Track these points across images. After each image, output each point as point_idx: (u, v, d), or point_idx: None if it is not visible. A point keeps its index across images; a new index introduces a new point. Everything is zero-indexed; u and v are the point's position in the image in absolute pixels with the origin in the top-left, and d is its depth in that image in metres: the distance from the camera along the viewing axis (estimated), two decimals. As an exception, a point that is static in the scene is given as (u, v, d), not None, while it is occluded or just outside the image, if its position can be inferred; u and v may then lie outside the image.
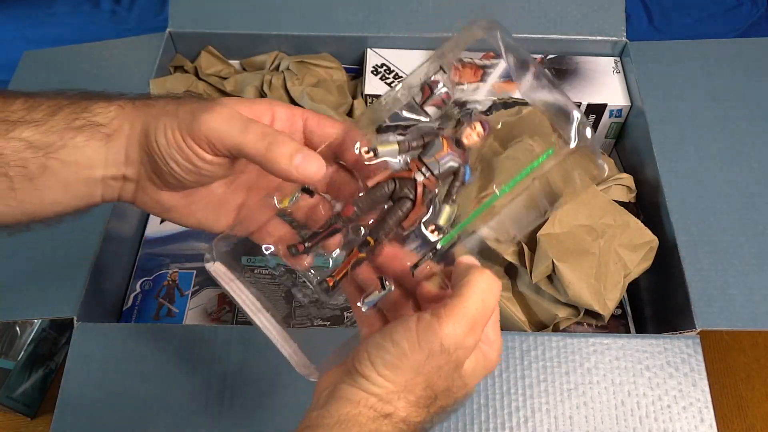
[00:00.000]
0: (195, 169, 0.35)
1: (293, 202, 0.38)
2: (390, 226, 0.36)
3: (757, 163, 0.64)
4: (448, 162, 0.36)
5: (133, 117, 0.36)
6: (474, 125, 0.36)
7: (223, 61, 0.81)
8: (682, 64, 0.73)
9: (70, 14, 1.22)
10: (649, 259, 0.60)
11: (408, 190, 0.36)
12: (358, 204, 0.36)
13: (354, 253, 0.37)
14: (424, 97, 0.38)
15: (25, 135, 0.34)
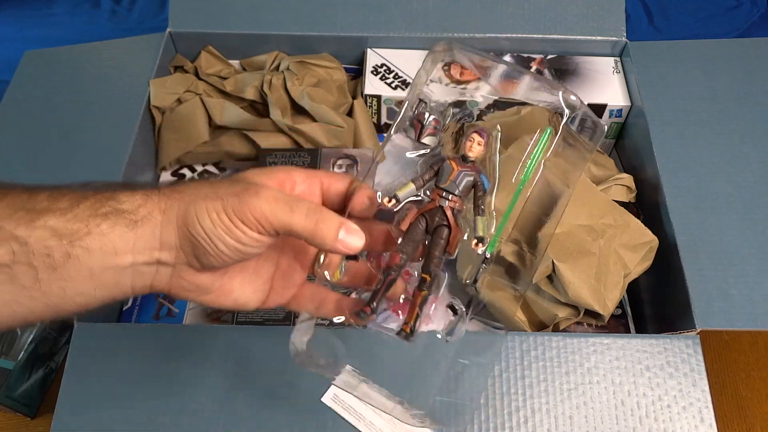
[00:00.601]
0: (241, 247, 0.36)
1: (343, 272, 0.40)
2: (437, 256, 0.39)
3: (757, 163, 0.65)
4: (464, 179, 0.39)
5: (164, 204, 0.36)
6: (472, 137, 0.39)
7: (223, 61, 0.81)
8: (682, 64, 0.73)
9: (70, 14, 1.23)
10: (649, 259, 0.60)
11: (439, 218, 0.39)
12: (402, 249, 0.39)
13: (417, 295, 0.39)
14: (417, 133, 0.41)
15: (50, 223, 0.33)
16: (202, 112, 0.74)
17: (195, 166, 0.75)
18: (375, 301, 0.38)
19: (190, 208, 0.35)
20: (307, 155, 0.70)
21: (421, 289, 0.39)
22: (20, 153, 0.69)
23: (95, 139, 0.69)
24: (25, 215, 0.33)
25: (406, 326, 0.38)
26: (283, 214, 0.35)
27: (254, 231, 0.35)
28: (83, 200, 0.34)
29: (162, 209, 0.36)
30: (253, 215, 0.34)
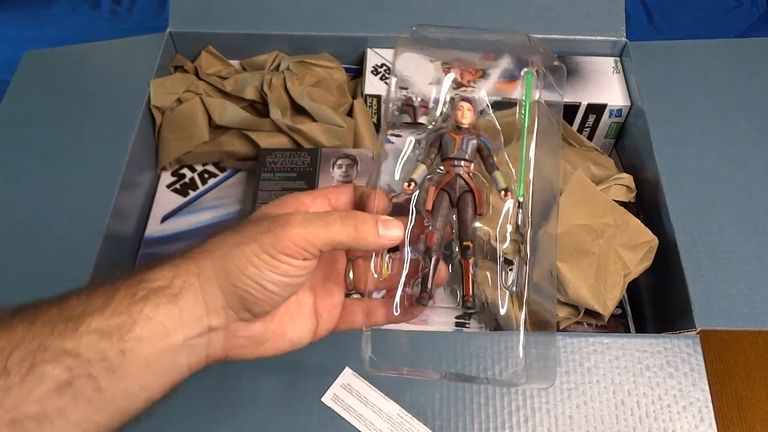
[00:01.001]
0: (291, 280, 0.35)
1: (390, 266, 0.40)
2: (470, 221, 0.39)
3: (757, 163, 0.64)
4: (469, 143, 0.40)
5: (195, 267, 0.35)
6: (460, 106, 0.41)
7: (223, 61, 0.81)
8: (682, 64, 0.73)
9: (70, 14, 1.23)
10: (648, 258, 0.60)
11: (460, 185, 0.40)
12: (435, 227, 0.39)
13: (465, 264, 0.39)
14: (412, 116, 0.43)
15: (94, 325, 0.32)
16: (202, 112, 0.74)
17: (195, 166, 0.75)
18: (428, 284, 0.39)
19: (226, 261, 0.34)
20: (307, 155, 0.70)
21: (466, 257, 0.39)
22: (20, 153, 0.69)
23: (95, 139, 0.69)
24: (65, 326, 0.31)
25: (468, 297, 0.39)
26: (322, 230, 0.35)
27: (300, 258, 0.35)
28: (116, 292, 0.33)
29: (196, 274, 0.35)
30: (294, 243, 0.34)
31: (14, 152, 0.69)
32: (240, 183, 0.74)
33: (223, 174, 0.75)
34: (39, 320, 0.31)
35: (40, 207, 0.64)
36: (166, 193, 0.73)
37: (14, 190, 0.66)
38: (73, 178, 0.66)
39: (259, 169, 0.69)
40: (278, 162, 0.69)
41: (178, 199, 0.72)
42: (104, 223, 0.61)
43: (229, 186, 0.74)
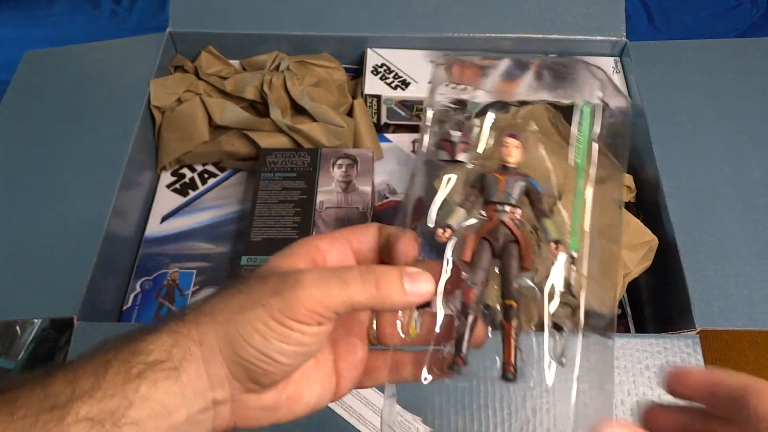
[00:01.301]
0: (304, 349, 0.31)
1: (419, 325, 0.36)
2: (514, 276, 0.35)
3: (757, 163, 0.64)
4: (515, 185, 0.36)
5: (197, 334, 0.31)
6: (506, 142, 0.36)
7: (223, 61, 0.81)
8: (682, 64, 0.73)
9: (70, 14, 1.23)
10: (648, 258, 0.60)
11: (504, 235, 0.35)
12: (473, 281, 0.35)
13: (508, 327, 0.35)
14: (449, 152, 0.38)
15: (83, 412, 0.28)
16: (202, 112, 0.74)
17: (195, 166, 0.75)
18: (462, 348, 0.34)
19: (230, 329, 0.30)
20: (307, 155, 0.70)
21: (508, 319, 0.34)
22: (20, 153, 0.69)
23: (95, 139, 0.69)
24: (51, 416, 0.28)
25: (508, 366, 0.34)
26: (339, 291, 0.30)
27: (314, 325, 0.30)
28: (107, 368, 0.29)
29: (197, 342, 0.31)
30: (306, 307, 0.30)
31: (14, 152, 0.69)
32: (240, 183, 0.74)
33: (223, 174, 0.75)
34: (20, 410, 0.28)
35: (40, 207, 0.64)
36: (166, 193, 0.73)
37: (14, 190, 0.66)
38: (73, 178, 0.66)
39: (259, 169, 0.69)
40: (278, 162, 0.69)
41: (178, 199, 0.72)
42: (104, 223, 0.61)
43: (229, 186, 0.74)
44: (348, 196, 0.67)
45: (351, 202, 0.66)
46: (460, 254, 0.35)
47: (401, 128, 0.78)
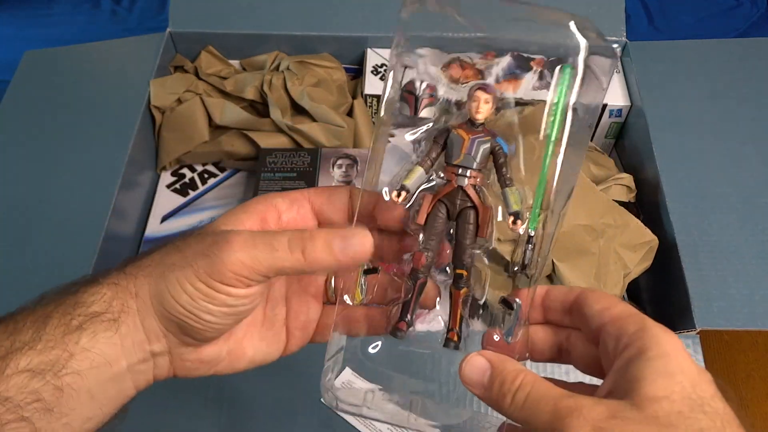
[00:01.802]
0: (231, 309, 0.31)
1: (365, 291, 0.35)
2: (468, 245, 0.33)
3: (757, 163, 0.64)
4: (479, 147, 0.32)
5: (134, 287, 0.31)
6: (476, 96, 0.33)
7: (223, 61, 0.81)
8: (682, 64, 0.73)
9: (70, 14, 1.23)
10: (648, 258, 0.60)
11: (461, 200, 0.33)
12: (426, 246, 0.33)
13: (456, 295, 0.33)
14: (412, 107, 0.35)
15: (23, 364, 0.28)
16: (202, 112, 0.74)
17: (195, 166, 0.75)
18: (408, 313, 0.33)
19: (160, 285, 0.30)
20: (307, 155, 0.70)
21: (458, 287, 0.33)
22: (20, 153, 0.69)
23: (95, 139, 0.69)
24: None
25: (452, 333, 0.33)
26: (265, 256, 0.30)
27: (241, 287, 0.30)
28: (47, 320, 0.29)
29: (134, 294, 0.31)
30: (231, 271, 0.29)
31: (14, 152, 0.69)
32: (240, 183, 0.74)
33: (223, 174, 0.75)
34: None
35: (40, 207, 0.64)
36: (166, 193, 0.73)
37: (14, 190, 0.66)
38: (73, 178, 0.66)
39: (259, 169, 0.69)
40: (278, 162, 0.69)
41: (178, 199, 0.72)
42: (104, 223, 0.61)
43: (229, 186, 0.74)
44: (348, 196, 0.67)
45: (351, 202, 0.66)
46: (414, 216, 0.33)
47: (400, 128, 0.78)
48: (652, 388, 0.26)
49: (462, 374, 0.30)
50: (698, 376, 0.27)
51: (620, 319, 0.30)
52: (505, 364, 0.30)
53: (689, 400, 0.26)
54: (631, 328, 0.29)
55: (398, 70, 0.34)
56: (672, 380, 0.26)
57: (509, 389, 0.29)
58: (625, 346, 0.28)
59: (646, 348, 0.28)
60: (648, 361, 0.27)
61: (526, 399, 0.28)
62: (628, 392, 0.26)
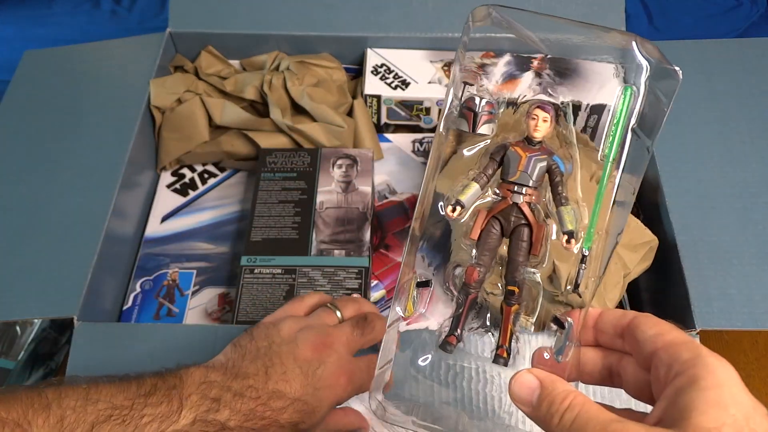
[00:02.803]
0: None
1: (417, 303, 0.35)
2: (521, 262, 0.33)
3: (757, 163, 0.64)
4: (536, 165, 0.33)
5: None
6: (535, 114, 0.33)
7: (223, 61, 0.81)
8: (682, 64, 0.72)
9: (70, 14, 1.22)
10: (648, 259, 0.60)
11: (516, 217, 0.33)
12: (478, 262, 0.33)
13: (507, 311, 0.33)
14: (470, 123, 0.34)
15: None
16: (202, 112, 0.74)
17: (195, 166, 0.75)
18: (459, 327, 0.33)
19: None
20: (307, 155, 0.70)
21: (509, 303, 0.33)
22: (20, 153, 0.69)
23: (95, 139, 0.69)
24: None
25: (502, 350, 0.33)
26: None
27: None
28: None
29: None
30: None
31: (14, 152, 0.69)
32: (240, 183, 0.74)
33: (223, 174, 0.75)
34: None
35: (40, 207, 0.64)
36: (166, 193, 0.73)
37: (14, 190, 0.66)
38: (73, 178, 0.66)
39: (259, 169, 0.69)
40: (278, 162, 0.69)
41: (178, 199, 0.72)
42: (104, 223, 0.61)
43: (229, 186, 0.74)
44: (348, 196, 0.67)
45: (351, 202, 0.66)
46: (468, 232, 0.33)
47: (401, 128, 0.78)
48: (703, 418, 0.25)
49: (511, 391, 0.31)
50: (753, 410, 0.26)
51: (674, 346, 0.29)
52: (555, 384, 0.30)
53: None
54: (685, 356, 0.29)
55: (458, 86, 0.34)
56: (724, 412, 0.26)
57: (558, 410, 0.29)
58: (677, 374, 0.28)
59: (699, 377, 0.27)
60: (700, 391, 0.26)
61: (575, 420, 0.28)
62: (677, 421, 0.26)
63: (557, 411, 0.29)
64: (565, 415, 0.28)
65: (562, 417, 0.28)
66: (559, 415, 0.29)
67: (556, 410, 0.29)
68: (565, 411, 0.28)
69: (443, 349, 0.33)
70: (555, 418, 0.29)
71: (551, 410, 0.29)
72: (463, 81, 0.34)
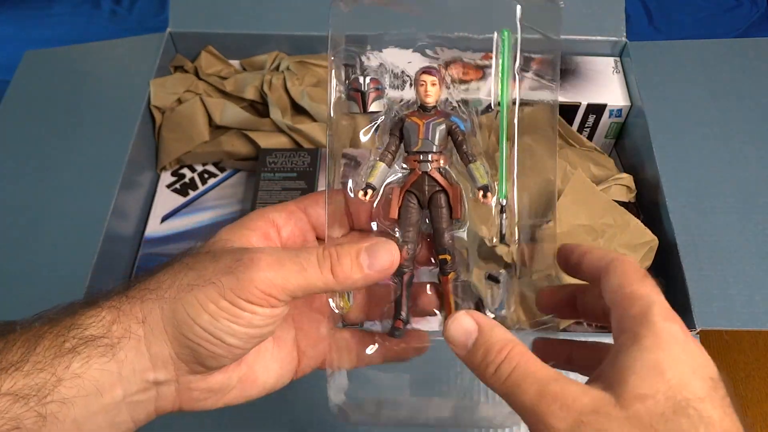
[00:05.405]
0: (255, 330, 0.29)
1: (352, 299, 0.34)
2: (445, 228, 0.33)
3: (757, 163, 0.64)
4: (435, 130, 0.32)
5: (140, 311, 0.29)
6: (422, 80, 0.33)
7: (223, 61, 0.81)
8: (682, 64, 0.73)
9: (70, 14, 1.22)
10: (649, 259, 0.60)
11: (429, 185, 0.33)
12: (404, 240, 0.33)
13: (445, 281, 0.33)
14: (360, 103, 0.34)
15: (6, 386, 0.26)
16: (202, 112, 0.74)
17: (195, 166, 0.75)
18: (402, 310, 0.32)
19: (177, 306, 0.29)
20: (307, 155, 0.70)
21: (445, 272, 0.33)
22: (20, 153, 0.69)
23: (95, 139, 0.69)
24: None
25: None
26: (296, 275, 0.29)
27: (266, 306, 0.29)
28: (39, 341, 0.27)
29: (140, 319, 0.29)
30: (259, 289, 0.28)
31: (14, 152, 0.69)
32: (240, 183, 0.74)
33: (223, 174, 0.75)
34: None
35: (40, 207, 0.64)
36: (166, 193, 0.73)
37: (14, 190, 0.66)
38: (73, 178, 0.66)
39: (259, 169, 0.69)
40: (278, 162, 0.69)
41: (178, 199, 0.72)
42: (104, 223, 0.61)
43: (229, 186, 0.74)
44: (348, 196, 0.67)
45: (351, 202, 0.66)
46: (387, 212, 0.33)
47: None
48: (639, 384, 0.25)
49: (446, 332, 0.29)
50: (692, 373, 0.25)
51: (628, 299, 0.28)
52: (494, 330, 0.28)
53: (674, 401, 0.24)
54: (633, 311, 0.27)
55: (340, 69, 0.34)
56: (661, 377, 0.25)
57: (494, 359, 0.27)
58: (623, 331, 0.27)
59: (641, 336, 0.26)
60: (640, 352, 0.26)
61: (511, 374, 0.27)
62: (614, 383, 0.25)
63: (493, 361, 0.27)
64: (502, 366, 0.27)
65: (498, 368, 0.27)
66: (495, 365, 0.27)
67: (492, 360, 0.27)
68: (502, 362, 0.27)
69: (392, 335, 0.32)
70: (491, 368, 0.27)
71: (487, 359, 0.27)
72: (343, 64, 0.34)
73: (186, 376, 0.30)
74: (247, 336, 0.29)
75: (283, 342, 0.34)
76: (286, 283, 0.29)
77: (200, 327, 0.28)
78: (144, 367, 0.29)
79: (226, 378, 0.32)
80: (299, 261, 0.29)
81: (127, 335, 0.28)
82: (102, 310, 0.29)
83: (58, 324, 0.28)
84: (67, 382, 0.27)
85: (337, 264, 0.30)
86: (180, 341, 0.29)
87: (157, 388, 0.30)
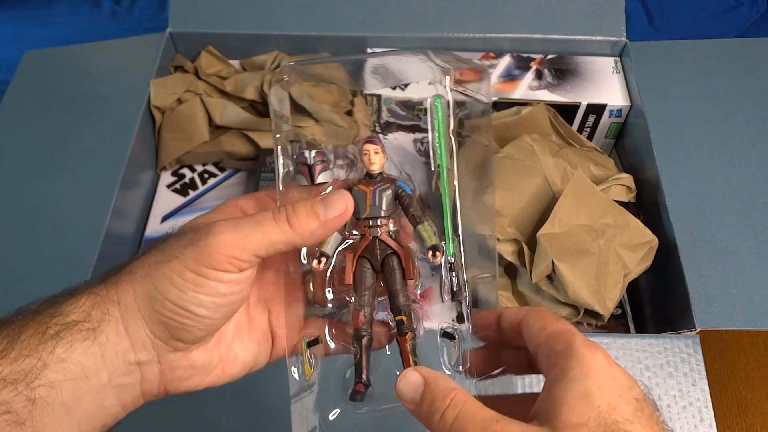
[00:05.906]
0: (223, 299, 0.30)
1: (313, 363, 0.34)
2: (399, 290, 0.34)
3: (757, 163, 0.64)
4: (382, 196, 0.34)
5: (116, 294, 0.30)
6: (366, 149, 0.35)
7: (223, 61, 0.81)
8: (682, 64, 0.73)
9: (70, 14, 1.23)
10: (648, 258, 0.60)
11: (380, 249, 0.34)
12: (362, 304, 0.33)
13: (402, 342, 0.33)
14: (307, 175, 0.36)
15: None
16: (202, 112, 0.74)
17: (195, 166, 0.75)
18: (362, 374, 0.33)
19: (147, 285, 0.30)
20: (307, 155, 0.70)
21: (402, 333, 0.33)
22: (20, 153, 0.69)
23: (95, 139, 0.69)
24: None
25: None
26: (254, 233, 0.30)
27: (232, 271, 0.29)
28: (23, 330, 0.28)
29: (116, 301, 0.30)
30: (222, 254, 0.29)
31: (14, 152, 0.69)
32: (240, 183, 0.74)
33: (223, 174, 0.75)
34: None
35: (40, 207, 0.64)
36: (166, 193, 0.73)
37: (14, 190, 0.66)
38: (73, 178, 0.66)
39: (259, 169, 0.69)
40: (278, 162, 0.69)
41: (178, 199, 0.72)
42: (104, 223, 0.61)
43: (229, 186, 0.74)
44: (348, 196, 0.67)
45: (351, 202, 0.66)
46: (341, 279, 0.34)
47: (401, 128, 0.78)
48: (571, 414, 0.26)
49: (397, 389, 0.30)
50: (618, 397, 0.27)
51: (552, 337, 0.30)
52: (438, 381, 0.29)
53: (605, 425, 0.26)
54: (558, 347, 0.29)
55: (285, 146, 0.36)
56: (590, 405, 0.26)
57: (439, 407, 0.28)
58: (551, 366, 0.29)
59: (568, 368, 0.28)
60: (569, 383, 0.27)
61: (456, 418, 0.28)
62: (549, 417, 0.26)
63: (438, 408, 0.28)
64: (447, 413, 0.28)
65: (443, 415, 0.28)
66: (440, 412, 0.28)
67: (437, 408, 0.28)
68: (446, 408, 0.28)
69: (353, 399, 0.33)
70: (436, 416, 0.28)
71: (432, 407, 0.28)
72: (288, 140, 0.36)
73: (167, 355, 0.31)
74: (214, 305, 0.30)
75: (258, 323, 0.35)
76: (245, 242, 0.29)
77: (169, 301, 0.29)
78: (125, 349, 0.30)
79: (207, 356, 0.33)
80: (255, 219, 0.30)
81: (106, 318, 0.29)
82: (82, 297, 0.30)
83: (40, 314, 0.29)
84: (53, 367, 0.28)
85: (293, 215, 0.30)
86: (153, 317, 0.30)
87: (140, 370, 0.31)
